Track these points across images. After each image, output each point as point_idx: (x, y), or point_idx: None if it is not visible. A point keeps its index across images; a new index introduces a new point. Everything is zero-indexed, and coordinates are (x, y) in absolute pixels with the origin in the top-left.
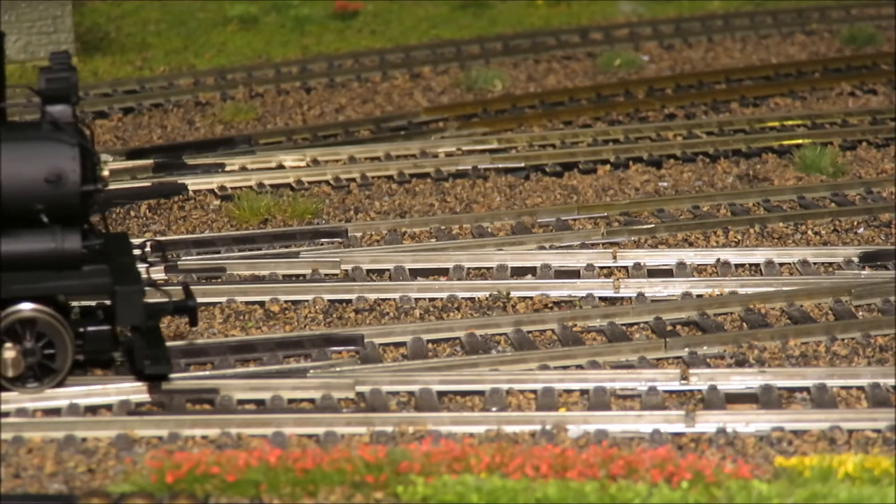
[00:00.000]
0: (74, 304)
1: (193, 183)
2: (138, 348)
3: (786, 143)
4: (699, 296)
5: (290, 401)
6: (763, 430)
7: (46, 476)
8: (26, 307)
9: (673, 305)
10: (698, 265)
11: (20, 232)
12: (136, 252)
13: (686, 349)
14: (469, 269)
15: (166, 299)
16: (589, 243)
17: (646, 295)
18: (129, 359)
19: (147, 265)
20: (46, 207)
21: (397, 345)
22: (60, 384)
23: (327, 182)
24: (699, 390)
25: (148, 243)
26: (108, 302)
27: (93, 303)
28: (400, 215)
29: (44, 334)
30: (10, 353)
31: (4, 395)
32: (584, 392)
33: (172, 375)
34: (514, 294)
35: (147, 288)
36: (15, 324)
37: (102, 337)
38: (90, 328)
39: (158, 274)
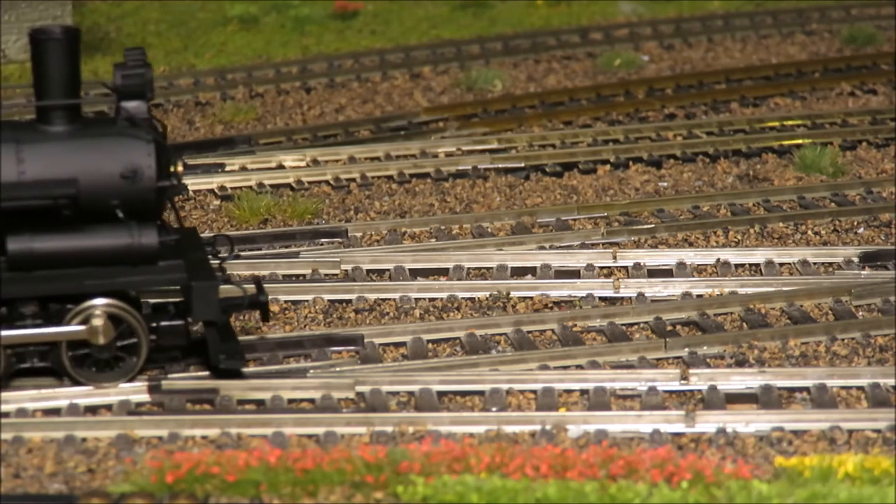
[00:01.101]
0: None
1: (193, 183)
2: (212, 343)
3: (786, 143)
4: (699, 296)
5: (290, 401)
6: (763, 430)
7: (46, 476)
8: (101, 302)
9: (673, 305)
10: (698, 265)
11: (96, 227)
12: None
13: (686, 349)
14: (469, 269)
15: (240, 294)
16: (589, 243)
17: (646, 295)
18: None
19: (219, 260)
20: (122, 203)
21: (397, 345)
22: (132, 379)
23: (327, 182)
24: (699, 390)
25: (218, 238)
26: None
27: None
28: (400, 215)
29: (118, 328)
30: (99, 320)
31: (4, 395)
32: (584, 392)
33: (172, 375)
34: (514, 294)
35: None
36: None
37: (176, 331)
38: (163, 323)
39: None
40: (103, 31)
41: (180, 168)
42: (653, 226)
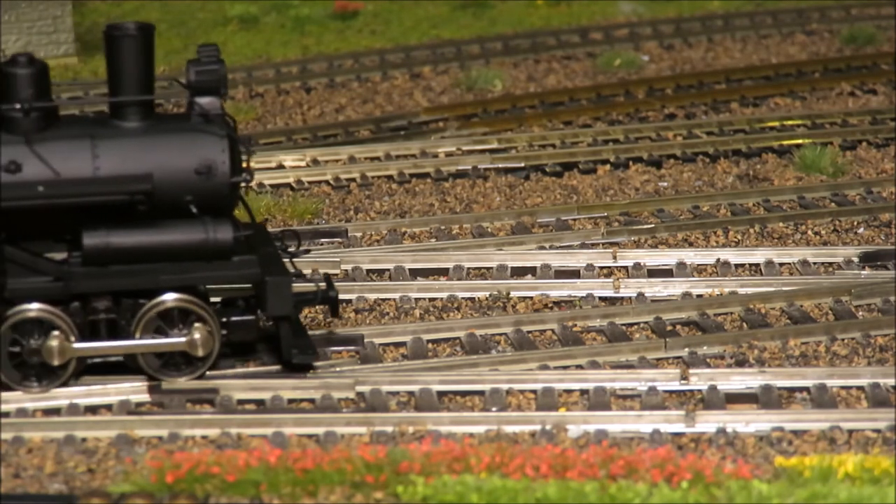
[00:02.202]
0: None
1: None
2: (284, 338)
3: (786, 143)
4: (699, 296)
5: (290, 401)
6: (763, 430)
7: (46, 476)
8: (172, 297)
9: (673, 305)
10: (698, 265)
11: (170, 223)
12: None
13: (686, 349)
14: (469, 269)
15: (313, 289)
16: (589, 243)
17: (646, 295)
18: (271, 348)
19: (290, 256)
20: (195, 198)
21: (397, 345)
22: (202, 376)
23: (327, 182)
24: (699, 390)
25: (286, 233)
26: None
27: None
28: (400, 215)
29: (191, 323)
30: (200, 332)
31: (4, 394)
32: (584, 392)
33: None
34: (514, 294)
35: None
36: (165, 313)
37: (247, 326)
38: (234, 318)
39: None
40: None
41: (253, 164)
42: (653, 226)
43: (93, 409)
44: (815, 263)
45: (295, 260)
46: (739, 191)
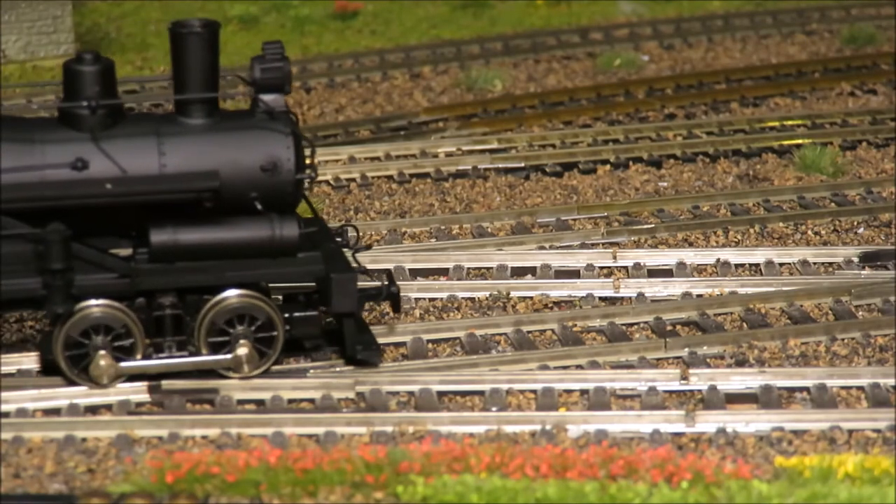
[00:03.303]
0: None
1: None
2: (349, 334)
3: (786, 143)
4: (699, 296)
5: (290, 401)
6: (763, 430)
7: (46, 476)
8: (236, 293)
9: (673, 305)
10: (698, 265)
11: (237, 219)
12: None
13: (686, 349)
14: (469, 269)
15: (377, 284)
16: (589, 243)
17: (646, 295)
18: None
19: (353, 251)
20: (261, 195)
21: (397, 345)
22: (267, 371)
23: (327, 182)
24: (699, 390)
25: (346, 229)
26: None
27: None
28: (400, 215)
29: (256, 319)
30: (244, 349)
31: (5, 394)
32: (584, 392)
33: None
34: (514, 294)
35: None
36: (238, 310)
37: (310, 322)
38: (297, 313)
39: None
40: (103, 31)
41: (316, 160)
42: (653, 226)
43: (93, 409)
44: (815, 263)
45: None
46: (739, 191)
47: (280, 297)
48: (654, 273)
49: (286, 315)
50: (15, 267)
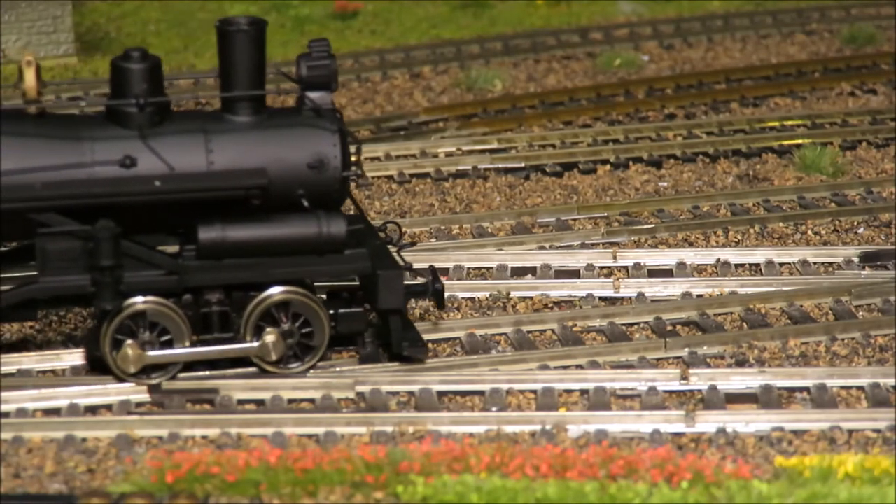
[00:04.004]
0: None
1: None
2: (395, 331)
3: (786, 143)
4: (699, 296)
5: (290, 401)
6: (763, 430)
7: (46, 476)
8: (282, 290)
9: (673, 305)
10: (698, 265)
11: (284, 216)
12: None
13: (686, 349)
14: (469, 269)
15: (422, 281)
16: (589, 243)
17: (646, 295)
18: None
19: (397, 249)
20: (307, 192)
21: None
22: (314, 367)
23: None
24: (699, 390)
25: (388, 225)
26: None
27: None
28: (400, 215)
29: (300, 315)
30: (271, 336)
31: (5, 395)
32: (584, 392)
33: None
34: (514, 294)
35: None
36: (277, 305)
37: (356, 318)
38: (342, 309)
39: None
40: (103, 31)
41: (362, 157)
42: (653, 226)
43: (93, 409)
44: (815, 263)
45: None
46: (739, 191)
47: (323, 295)
48: (654, 273)
49: (331, 312)
50: (63, 264)
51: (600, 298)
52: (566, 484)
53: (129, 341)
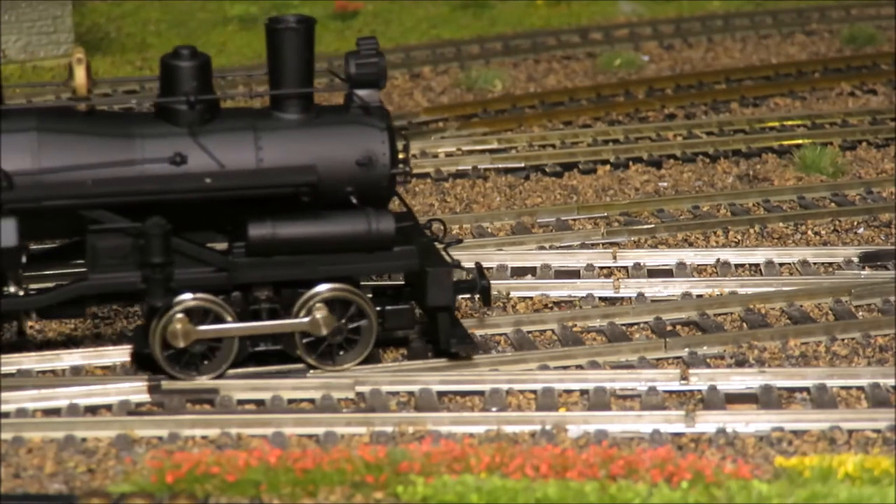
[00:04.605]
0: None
1: None
2: (443, 328)
3: (786, 143)
4: (699, 296)
5: (290, 401)
6: (763, 430)
7: (46, 476)
8: (330, 286)
9: (673, 305)
10: (698, 265)
11: (332, 214)
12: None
13: (686, 349)
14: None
15: (470, 278)
16: (589, 243)
17: (646, 295)
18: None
19: (444, 246)
20: (356, 190)
21: (397, 345)
22: (366, 362)
23: None
24: (699, 390)
25: (433, 223)
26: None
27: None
28: None
29: (348, 312)
30: (321, 311)
31: (5, 395)
32: (584, 392)
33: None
34: (514, 294)
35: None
36: (328, 302)
37: (403, 315)
38: (389, 307)
39: None
40: (103, 31)
41: (410, 154)
42: (653, 226)
43: (93, 409)
44: (815, 263)
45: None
46: (739, 191)
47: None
48: (654, 273)
49: (378, 309)
50: (114, 261)
51: (600, 298)
52: (566, 484)
53: (179, 315)
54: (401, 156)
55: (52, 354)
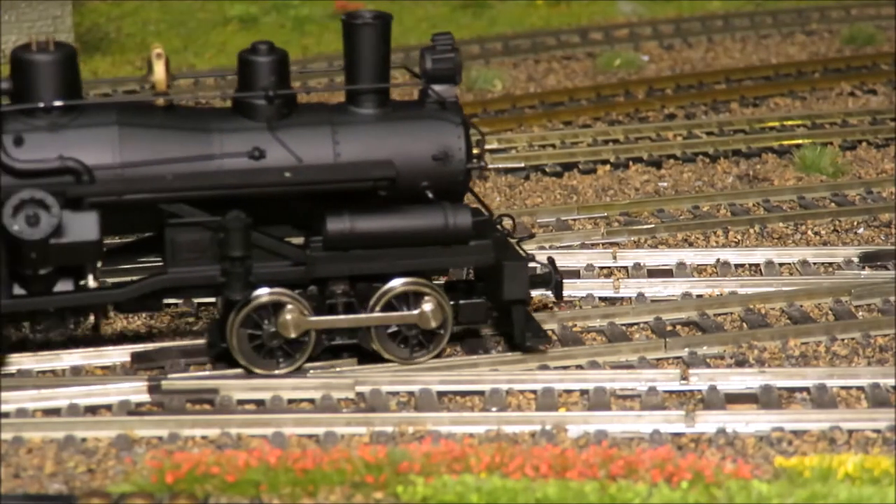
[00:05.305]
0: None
1: None
2: (518, 322)
3: (786, 143)
4: (699, 296)
5: (290, 401)
6: (763, 430)
7: (46, 476)
8: (405, 281)
9: (673, 305)
10: (698, 265)
11: (409, 208)
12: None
13: (686, 349)
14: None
15: (545, 272)
16: (589, 243)
17: (646, 295)
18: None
19: (517, 240)
20: (432, 184)
21: None
22: (440, 355)
23: None
24: (699, 390)
25: (503, 218)
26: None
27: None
28: None
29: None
30: (429, 304)
31: (5, 395)
32: (584, 392)
33: (172, 375)
34: None
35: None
36: (399, 297)
37: (477, 309)
38: (463, 301)
39: None
40: (103, 31)
41: (486, 149)
42: (653, 226)
43: (93, 409)
44: (815, 263)
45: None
46: (739, 191)
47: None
48: (654, 273)
49: (452, 303)
50: (193, 254)
51: (600, 298)
52: (566, 484)
53: (290, 306)
54: (475, 151)
55: (52, 354)
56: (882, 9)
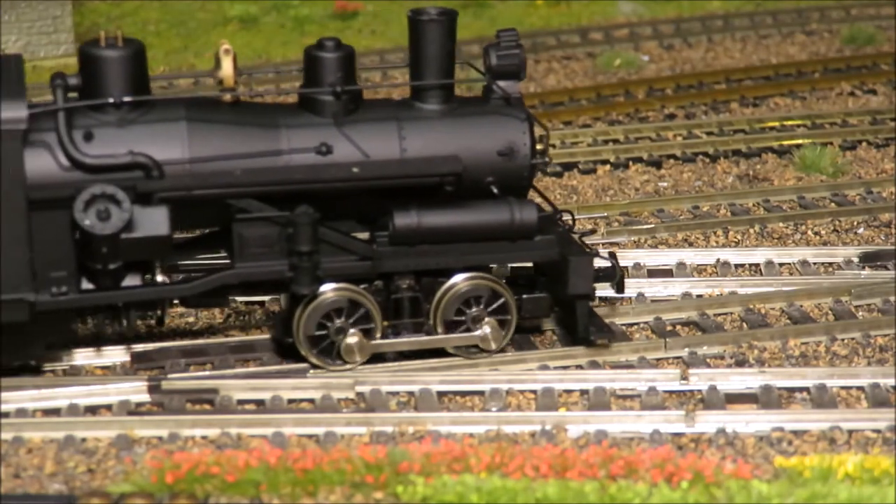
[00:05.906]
0: None
1: None
2: (581, 317)
3: (786, 143)
4: (699, 296)
5: (290, 401)
6: (763, 430)
7: (46, 476)
8: (469, 276)
9: (673, 305)
10: (698, 265)
11: (475, 203)
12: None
13: (686, 349)
14: None
15: (607, 266)
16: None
17: (646, 295)
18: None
19: (580, 236)
20: (496, 179)
21: None
22: (504, 350)
23: None
24: (699, 390)
25: (564, 214)
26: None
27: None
28: None
29: (491, 301)
30: (489, 327)
31: (5, 395)
32: (584, 392)
33: (172, 375)
34: None
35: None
36: (473, 291)
37: (540, 303)
38: (526, 295)
39: None
40: (103, 31)
41: (549, 145)
42: (652, 226)
43: (93, 409)
44: (815, 263)
45: None
46: (739, 191)
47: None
48: (654, 273)
49: (516, 297)
50: (260, 249)
51: (600, 298)
52: (566, 484)
53: (352, 330)
54: (539, 147)
55: (52, 354)
56: (882, 9)
